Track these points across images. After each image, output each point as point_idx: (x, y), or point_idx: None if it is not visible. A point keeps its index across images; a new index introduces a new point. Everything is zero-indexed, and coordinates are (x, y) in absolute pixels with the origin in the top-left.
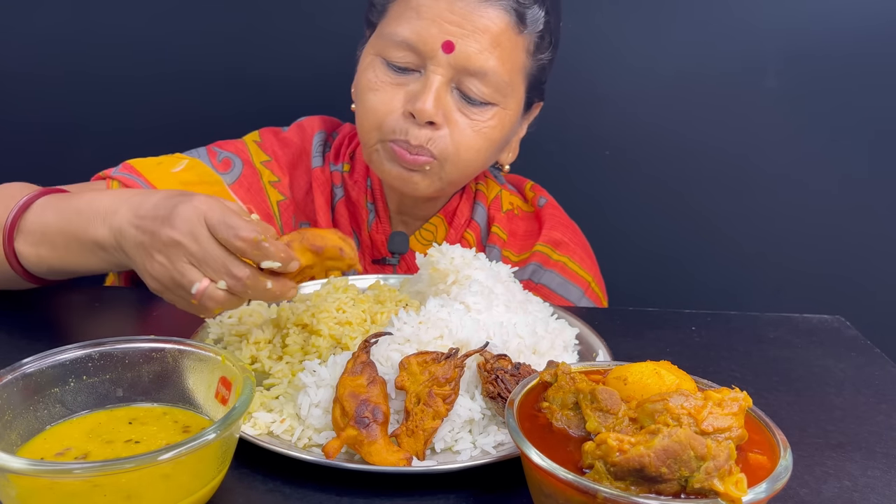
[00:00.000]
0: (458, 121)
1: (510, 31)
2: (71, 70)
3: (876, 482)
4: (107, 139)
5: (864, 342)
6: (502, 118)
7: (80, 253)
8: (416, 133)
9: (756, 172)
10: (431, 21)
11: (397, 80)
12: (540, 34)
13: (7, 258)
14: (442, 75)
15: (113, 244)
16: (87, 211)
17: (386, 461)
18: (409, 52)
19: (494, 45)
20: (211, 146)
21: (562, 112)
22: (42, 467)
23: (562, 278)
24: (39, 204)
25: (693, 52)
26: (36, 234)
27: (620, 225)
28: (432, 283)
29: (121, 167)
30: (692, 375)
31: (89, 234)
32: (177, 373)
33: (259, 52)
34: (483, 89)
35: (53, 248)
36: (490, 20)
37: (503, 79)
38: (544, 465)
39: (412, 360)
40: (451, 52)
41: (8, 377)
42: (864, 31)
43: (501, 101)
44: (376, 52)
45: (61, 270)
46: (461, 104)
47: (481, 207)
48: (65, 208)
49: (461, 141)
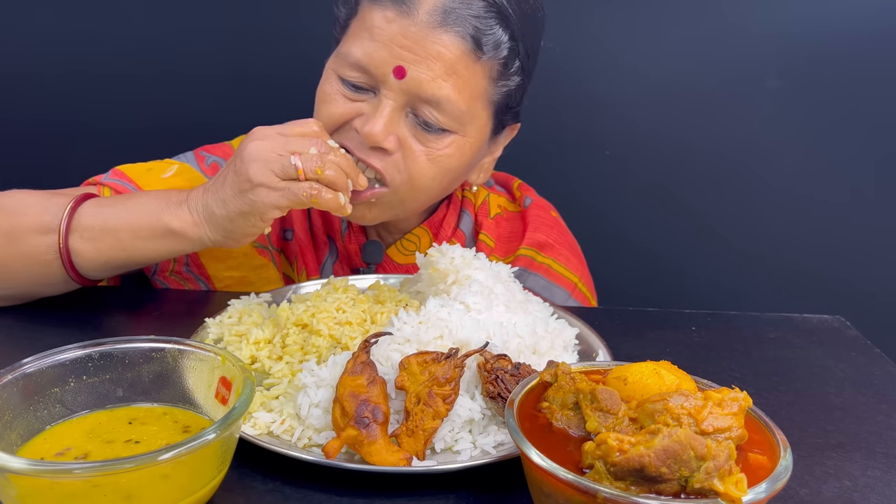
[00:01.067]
0: (413, 147)
1: (466, 58)
2: (70, 70)
3: (876, 482)
4: (106, 139)
5: (864, 342)
6: (460, 146)
7: (151, 240)
8: (364, 151)
9: (757, 173)
10: (383, 44)
11: (353, 96)
12: (503, 61)
13: (60, 256)
14: (394, 100)
15: (193, 220)
16: (156, 202)
17: (386, 461)
18: (361, 72)
19: (449, 72)
20: (198, 150)
21: (562, 113)
22: (42, 467)
23: (546, 281)
24: (90, 204)
25: (693, 52)
26: (95, 230)
27: (621, 225)
28: (432, 283)
29: (111, 173)
30: (692, 375)
31: (163, 220)
32: (177, 373)
33: (257, 53)
34: (438, 117)
35: (117, 241)
36: (444, 47)
37: (459, 107)
38: (544, 465)
39: (412, 360)
40: (402, 78)
41: (8, 377)
42: (859, 33)
43: (459, 128)
44: (333, 69)
45: (122, 263)
46: (416, 130)
47: (468, 216)
48: (127, 204)
49: (414, 168)
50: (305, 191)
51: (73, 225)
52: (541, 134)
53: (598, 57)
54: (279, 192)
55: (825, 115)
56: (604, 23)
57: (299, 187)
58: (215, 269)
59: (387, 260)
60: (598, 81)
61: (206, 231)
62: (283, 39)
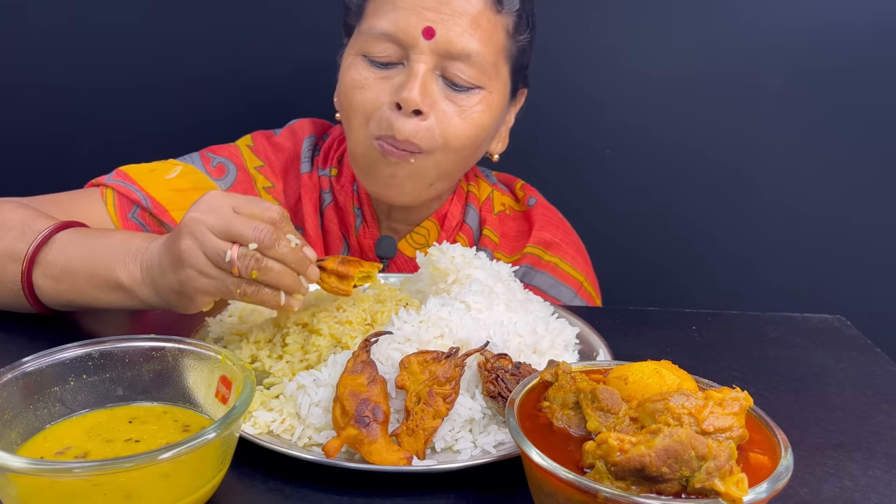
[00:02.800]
0: (446, 109)
1: (488, 11)
2: (69, 71)
3: (876, 482)
4: (106, 139)
5: (864, 342)
6: (489, 102)
7: (103, 291)
8: (403, 125)
9: (758, 172)
10: (409, 10)
11: (382, 74)
12: (518, 13)
13: (23, 288)
14: (426, 63)
15: (142, 279)
16: (118, 250)
17: (386, 460)
18: (390, 43)
19: (475, 26)
20: (204, 151)
21: (563, 111)
22: (42, 466)
23: (553, 279)
24: (62, 238)
25: (694, 51)
26: (56, 269)
27: (621, 225)
28: (433, 282)
29: (114, 174)
30: (693, 375)
31: (115, 273)
32: (177, 372)
33: (257, 52)
34: (468, 72)
35: (74, 285)
36: (467, 2)
37: (487, 59)
38: (545, 465)
39: (412, 359)
40: (431, 38)
41: (8, 376)
42: (860, 32)
43: (487, 83)
44: (357, 52)
45: (79, 305)
46: (447, 91)
47: (473, 210)
48: (92, 246)
49: (449, 129)
50: (240, 287)
51: (39, 258)
52: (541, 133)
53: (598, 56)
54: (208, 280)
55: (826, 114)
56: (604, 22)
57: (233, 282)
58: None
59: (399, 254)
60: (599, 81)
61: (149, 294)
62: (284, 38)
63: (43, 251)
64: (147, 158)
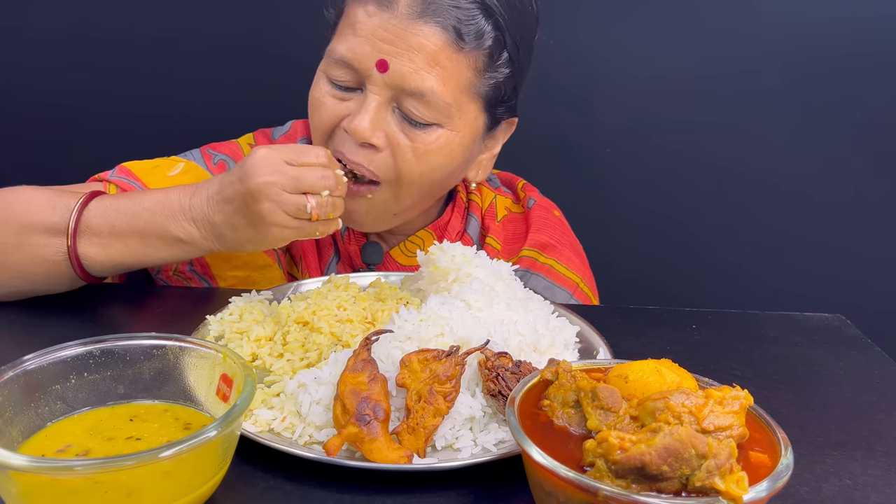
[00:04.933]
0: (402, 143)
1: (448, 49)
2: (69, 70)
3: (877, 481)
4: (106, 139)
5: (864, 340)
6: (449, 140)
7: (162, 248)
8: (353, 153)
9: (757, 171)
10: (365, 39)
11: (341, 95)
12: (488, 51)
13: (69, 259)
14: (379, 94)
15: (202, 235)
16: (160, 211)
17: (387, 458)
18: (347, 69)
19: (432, 63)
20: (205, 148)
21: (562, 112)
22: (43, 464)
23: (548, 282)
24: (97, 206)
25: (694, 50)
26: (104, 236)
27: (621, 224)
28: (433, 280)
29: (116, 170)
30: (693, 374)
31: (171, 232)
32: (178, 370)
33: (259, 51)
34: (423, 110)
35: (127, 247)
36: (425, 38)
37: (444, 99)
38: (545, 463)
39: (413, 357)
40: (385, 72)
41: (9, 374)
42: (859, 30)
43: (446, 122)
44: (322, 70)
45: (131, 265)
46: (403, 125)
47: (475, 219)
48: (131, 210)
49: (402, 165)
50: (318, 229)
51: (81, 228)
52: (541, 132)
53: (598, 55)
54: (291, 230)
55: (826, 114)
56: (604, 21)
57: (312, 227)
58: (220, 268)
59: (390, 261)
60: (599, 80)
61: (212, 244)
62: (284, 38)
63: (83, 221)
64: (147, 156)
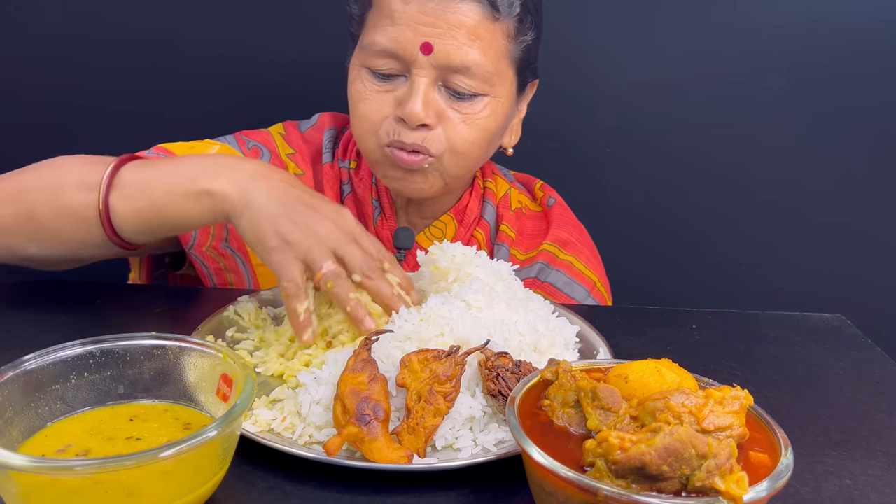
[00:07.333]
0: (451, 117)
1: (486, 21)
2: (69, 70)
3: (877, 481)
4: (106, 139)
5: (864, 340)
6: (494, 107)
7: (185, 202)
8: (410, 135)
9: (758, 171)
10: (406, 26)
11: (385, 87)
12: (518, 17)
13: (99, 212)
14: (426, 76)
15: (235, 194)
16: (198, 166)
17: (387, 458)
18: (390, 59)
19: (473, 37)
20: (238, 134)
21: (565, 110)
22: (43, 464)
23: (568, 277)
24: (134, 164)
25: (695, 50)
26: (134, 189)
27: (621, 224)
28: (433, 280)
29: (154, 149)
30: (693, 374)
31: (200, 183)
32: (178, 370)
33: (263, 50)
34: (470, 83)
35: (153, 202)
36: (463, 14)
37: (488, 69)
38: (545, 463)
39: (413, 357)
40: (430, 54)
41: (9, 374)
42: (862, 32)
43: (490, 90)
44: (361, 63)
45: (157, 225)
46: (451, 100)
47: (490, 206)
48: (168, 165)
49: (455, 137)
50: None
51: (115, 182)
52: (541, 132)
53: (598, 56)
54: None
55: (827, 115)
56: (604, 21)
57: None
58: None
59: (416, 247)
60: (599, 80)
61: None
62: (285, 37)
63: (117, 176)
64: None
